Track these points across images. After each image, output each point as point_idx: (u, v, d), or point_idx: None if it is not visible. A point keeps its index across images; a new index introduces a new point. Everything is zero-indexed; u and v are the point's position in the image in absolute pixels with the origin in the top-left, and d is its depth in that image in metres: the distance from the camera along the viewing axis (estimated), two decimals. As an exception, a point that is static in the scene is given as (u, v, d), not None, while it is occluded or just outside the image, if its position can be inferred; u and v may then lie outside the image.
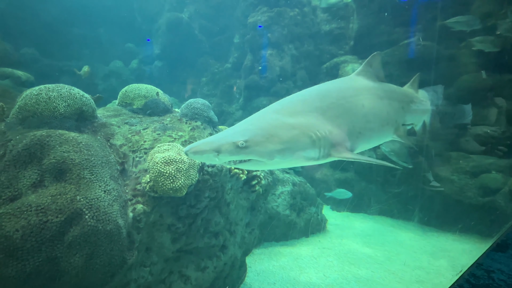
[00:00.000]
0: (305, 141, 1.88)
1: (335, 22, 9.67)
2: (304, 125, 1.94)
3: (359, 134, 2.24)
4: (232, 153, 1.68)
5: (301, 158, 1.93)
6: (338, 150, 2.02)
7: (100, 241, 2.23)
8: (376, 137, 2.55)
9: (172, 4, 13.25)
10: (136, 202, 2.72)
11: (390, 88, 2.87)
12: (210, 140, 1.78)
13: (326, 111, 2.10)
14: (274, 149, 1.76)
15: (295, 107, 2.11)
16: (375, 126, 2.44)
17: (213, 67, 11.67)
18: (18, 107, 2.88)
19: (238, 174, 3.40)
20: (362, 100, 2.36)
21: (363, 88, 2.51)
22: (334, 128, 2.05)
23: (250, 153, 1.71)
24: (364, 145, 2.43)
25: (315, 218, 5.91)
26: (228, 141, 1.69)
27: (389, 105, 2.62)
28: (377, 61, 2.77)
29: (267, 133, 1.80)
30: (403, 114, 2.86)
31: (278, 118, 1.97)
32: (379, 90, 2.61)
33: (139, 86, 3.97)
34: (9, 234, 1.91)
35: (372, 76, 2.70)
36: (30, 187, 2.21)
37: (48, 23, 13.27)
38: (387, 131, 2.63)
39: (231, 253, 3.50)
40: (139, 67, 14.00)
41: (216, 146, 1.67)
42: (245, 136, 1.74)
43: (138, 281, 2.65)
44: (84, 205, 2.20)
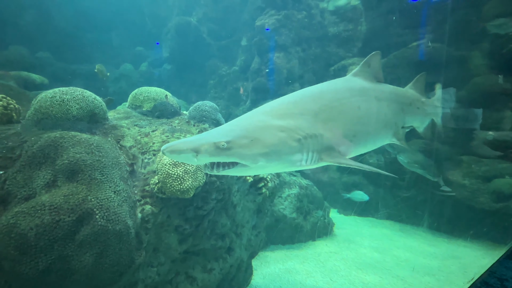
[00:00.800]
0: (293, 144, 1.77)
1: (343, 25, 9.63)
2: (292, 128, 1.83)
3: (354, 137, 2.15)
4: (212, 154, 1.57)
5: (288, 163, 1.82)
6: (330, 155, 1.94)
7: (110, 241, 2.28)
8: (373, 140, 2.45)
9: (181, 8, 13.49)
10: (144, 203, 2.76)
11: (389, 89, 2.75)
12: (190, 139, 1.68)
13: (318, 114, 2.00)
14: (258, 152, 1.65)
15: (285, 109, 2.01)
16: (371, 129, 2.35)
17: (221, 69, 11.78)
18: (34, 109, 2.99)
19: (245, 177, 3.42)
20: (358, 102, 2.26)
21: (359, 89, 2.40)
22: (326, 131, 1.95)
23: (232, 155, 1.60)
24: (360, 149, 2.33)
25: (322, 222, 5.85)
26: (208, 141, 1.58)
27: (387, 107, 2.51)
28: (376, 61, 2.65)
29: (252, 135, 1.69)
30: (402, 116, 2.74)
31: (266, 120, 1.87)
32: (377, 91, 2.50)
33: (148, 89, 4.05)
34: (23, 232, 1.98)
35: (370, 77, 2.59)
36: (44, 187, 2.28)
37: (62, 28, 13.74)
38: (385, 134, 2.53)
39: (237, 255, 3.50)
40: (148, 70, 14.27)
41: (194, 146, 1.56)
42: (227, 137, 1.63)
43: (145, 281, 2.69)
44: (95, 205, 2.26)
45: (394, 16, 8.10)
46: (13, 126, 2.93)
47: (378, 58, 2.66)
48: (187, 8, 13.32)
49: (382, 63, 8.30)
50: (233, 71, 11.08)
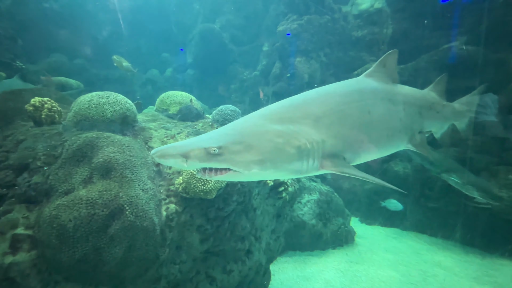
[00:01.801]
0: (291, 152, 1.66)
1: (367, 28, 9.41)
2: (291, 133, 1.71)
3: (362, 143, 2.01)
4: (202, 160, 1.51)
5: (285, 171, 1.72)
6: (332, 162, 1.80)
7: (137, 236, 2.41)
8: (385, 146, 2.27)
9: (205, 16, 14.01)
10: (169, 202, 2.89)
11: (406, 91, 2.55)
12: (180, 144, 1.61)
13: (321, 118, 1.86)
14: (252, 159, 1.55)
15: (286, 113, 1.88)
16: (383, 134, 2.18)
17: (242, 74, 12.00)
18: (74, 111, 3.26)
19: (265, 180, 3.44)
20: (369, 106, 2.10)
21: (371, 91, 2.23)
22: (329, 137, 1.83)
23: (223, 161, 1.53)
24: (369, 155, 2.16)
25: (343, 230, 5.68)
26: (199, 147, 1.51)
27: (403, 111, 2.33)
28: (392, 61, 2.46)
29: (246, 140, 1.61)
30: (420, 121, 2.53)
31: (263, 124, 1.76)
32: (391, 94, 2.33)
33: (174, 93, 4.25)
34: (64, 223, 2.16)
35: (385, 78, 2.40)
36: (81, 183, 2.47)
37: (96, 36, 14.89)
38: (399, 139, 2.35)
39: (256, 259, 3.51)
40: (173, 75, 14.92)
41: (184, 151, 1.49)
42: (220, 142, 1.55)
43: (168, 277, 2.79)
44: (125, 202, 2.40)
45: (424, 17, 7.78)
46: (55, 127, 3.22)
47: (394, 57, 2.49)
48: (211, 16, 13.80)
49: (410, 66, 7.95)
50: (254, 76, 11.24)
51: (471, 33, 6.57)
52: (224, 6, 13.57)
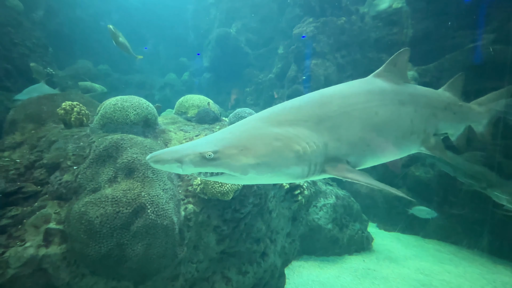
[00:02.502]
0: (289, 155, 1.61)
1: (386, 29, 9.18)
2: (290, 136, 1.67)
3: (368, 147, 1.91)
4: (197, 165, 1.50)
5: (284, 175, 1.68)
6: (334, 167, 1.73)
7: (158, 234, 2.50)
8: (394, 149, 2.17)
9: (221, 21, 14.31)
10: (187, 202, 2.97)
11: (418, 91, 2.43)
12: (175, 148, 1.59)
13: (323, 120, 1.80)
14: (248, 163, 1.53)
15: (286, 115, 1.83)
16: (391, 137, 2.08)
17: (257, 77, 12.10)
18: (100, 114, 3.46)
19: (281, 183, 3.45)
20: (376, 107, 2.01)
21: (379, 92, 2.14)
22: (331, 140, 1.77)
23: (219, 165, 1.51)
24: (376, 159, 2.08)
25: (360, 236, 5.53)
26: (194, 151, 1.50)
27: (414, 112, 2.22)
28: (403, 60, 2.35)
29: (242, 144, 1.58)
30: (435, 122, 2.41)
31: (261, 127, 1.73)
32: (401, 94, 2.22)
33: (193, 97, 4.38)
34: (91, 219, 2.30)
35: (395, 78, 2.29)
36: (107, 182, 2.62)
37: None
38: (410, 142, 2.24)
39: (271, 261, 3.51)
40: (190, 79, 15.35)
41: (178, 156, 1.49)
42: (216, 146, 1.54)
43: (185, 276, 2.86)
44: (147, 201, 2.51)
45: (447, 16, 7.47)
46: (84, 129, 3.43)
47: (406, 56, 2.38)
48: (227, 20, 14.07)
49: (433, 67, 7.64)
50: (269, 79, 11.29)
51: (499, 31, 6.23)
52: (240, 10, 13.80)
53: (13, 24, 8.12)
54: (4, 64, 7.30)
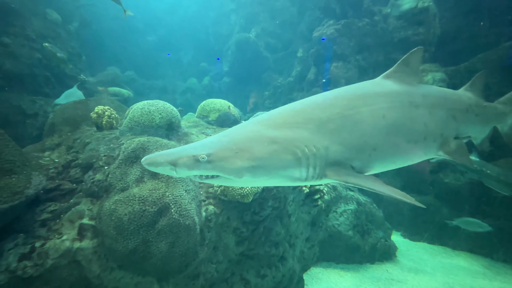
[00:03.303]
0: (286, 158, 1.58)
1: (411, 29, 8.83)
2: (288, 139, 1.63)
3: (374, 151, 1.82)
4: (191, 168, 1.49)
5: (281, 178, 1.65)
6: (336, 171, 1.67)
7: (181, 233, 2.60)
8: (406, 154, 2.04)
9: (241, 26, 14.59)
10: (208, 203, 3.05)
11: (434, 92, 2.29)
12: (170, 151, 1.59)
13: (325, 123, 1.74)
14: (243, 166, 1.51)
15: (285, 118, 1.80)
16: (402, 141, 1.95)
17: (276, 81, 12.14)
18: (129, 118, 3.67)
19: (301, 187, 3.42)
20: (383, 110, 1.91)
21: (388, 94, 2.04)
22: (333, 143, 1.70)
23: (212, 168, 1.51)
24: (386, 165, 1.97)
25: (382, 244, 5.30)
26: (187, 154, 1.50)
27: (429, 115, 2.09)
28: (416, 59, 2.22)
29: (237, 147, 1.56)
30: (454, 125, 2.25)
31: (258, 130, 1.70)
32: (414, 96, 2.10)
33: (214, 101, 4.51)
34: (120, 216, 2.44)
35: (408, 78, 2.18)
36: (134, 181, 2.76)
37: (144, 50, 16.56)
38: (424, 146, 2.09)
39: (289, 266, 3.48)
40: (210, 83, 15.76)
41: (172, 159, 1.49)
42: (210, 149, 1.53)
43: (206, 275, 2.93)
44: (171, 201, 2.62)
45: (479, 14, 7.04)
46: (114, 131, 3.66)
47: (419, 56, 2.25)
48: (247, 25, 14.32)
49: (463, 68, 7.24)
50: (288, 82, 11.28)
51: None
52: (260, 15, 13.98)
53: (52, 36, 8.87)
54: (45, 72, 7.98)
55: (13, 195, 2.21)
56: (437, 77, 7.29)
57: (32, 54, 7.63)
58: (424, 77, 7.38)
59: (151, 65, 16.86)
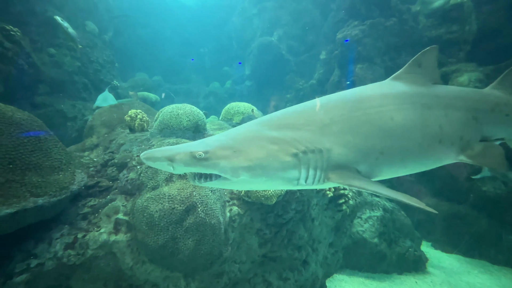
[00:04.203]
0: (285, 159, 1.54)
1: (443, 27, 8.34)
2: (288, 140, 1.60)
3: (381, 155, 1.73)
4: (187, 164, 1.49)
5: (280, 180, 1.59)
6: (339, 174, 1.61)
7: (206, 232, 2.69)
8: (418, 158, 1.92)
9: (264, 30, 14.75)
10: (232, 204, 3.13)
11: (450, 92, 2.14)
12: (169, 147, 1.60)
13: (328, 125, 1.70)
14: (240, 165, 1.49)
15: (287, 119, 1.77)
16: (413, 144, 1.84)
17: (298, 84, 12.08)
18: (159, 121, 3.90)
19: (324, 191, 3.38)
20: (391, 112, 1.82)
21: (396, 95, 1.94)
22: (336, 146, 1.64)
23: (209, 166, 1.49)
24: (396, 170, 1.87)
25: (411, 254, 5.02)
26: (185, 151, 1.51)
27: (444, 116, 1.96)
28: (430, 59, 2.10)
29: (236, 146, 1.56)
30: (476, 127, 2.09)
31: (258, 130, 1.69)
32: (426, 97, 1.98)
33: (238, 104, 4.62)
34: (152, 213, 2.59)
35: (420, 79, 2.06)
36: (164, 181, 2.92)
37: (171, 56, 17.39)
38: (441, 150, 1.94)
39: (312, 270, 3.44)
40: (232, 87, 16.10)
41: (169, 155, 1.50)
42: (208, 146, 1.54)
43: (229, 274, 2.99)
44: (198, 200, 2.73)
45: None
46: (145, 134, 3.90)
47: (434, 55, 2.12)
48: (269, 29, 14.45)
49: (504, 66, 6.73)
50: (310, 85, 11.17)
51: None
52: (282, 19, 14.05)
53: (90, 45, 9.65)
54: (83, 79, 8.70)
55: (61, 190, 2.45)
56: (473, 78, 6.79)
57: (73, 63, 8.36)
58: (458, 78, 6.92)
59: (176, 70, 17.65)
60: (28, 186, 2.26)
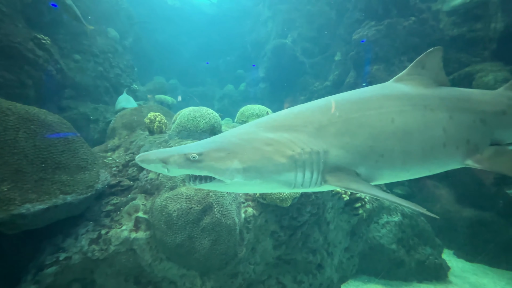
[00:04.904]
0: (281, 161, 1.52)
1: (466, 25, 7.99)
2: (284, 142, 1.57)
3: (381, 157, 1.69)
4: (181, 166, 1.48)
5: (276, 183, 1.57)
6: (337, 176, 1.57)
7: (222, 232, 2.74)
8: (421, 162, 1.85)
9: (277, 32, 14.81)
10: (247, 205, 3.16)
11: (456, 94, 2.05)
12: (164, 150, 1.61)
13: (325, 126, 1.67)
14: (234, 167, 1.48)
15: (283, 121, 1.75)
16: (413, 147, 1.78)
17: (312, 85, 11.99)
18: (176, 123, 4.02)
19: (340, 194, 3.34)
20: (392, 113, 1.78)
21: (398, 97, 1.89)
22: (334, 147, 1.62)
23: (203, 168, 1.48)
24: (396, 174, 1.82)
25: (431, 262, 4.81)
26: (179, 153, 1.50)
27: (449, 119, 1.89)
28: (434, 60, 2.05)
29: (231, 148, 1.54)
30: (484, 130, 2.00)
31: (254, 132, 1.67)
32: (430, 99, 1.92)
33: (252, 107, 4.66)
34: (170, 212, 2.68)
35: (423, 81, 2.01)
36: (181, 181, 3.01)
37: (186, 59, 17.87)
38: (445, 154, 1.88)
39: (327, 275, 3.39)
40: (246, 89, 16.24)
41: (163, 157, 1.50)
42: (202, 148, 1.53)
43: (244, 275, 3.02)
44: (214, 200, 2.79)
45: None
46: (163, 135, 4.04)
47: (438, 56, 2.06)
48: (283, 32, 14.48)
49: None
50: (324, 87, 11.06)
51: None
52: (296, 21, 14.04)
53: (112, 51, 10.12)
54: (105, 83, 9.13)
55: (87, 188, 2.60)
56: (500, 78, 6.44)
57: (96, 68, 8.81)
58: (483, 78, 6.59)
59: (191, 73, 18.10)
60: (58, 184, 2.42)
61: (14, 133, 2.32)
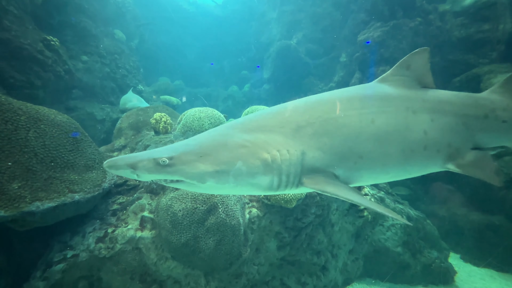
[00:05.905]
0: (255, 163, 1.47)
1: (474, 26, 7.90)
2: (259, 143, 1.52)
3: (360, 159, 1.65)
4: (151, 171, 1.43)
5: (249, 186, 1.52)
6: (313, 179, 1.53)
7: (227, 232, 2.75)
8: (401, 165, 1.82)
9: (282, 34, 14.82)
10: (251, 206, 3.17)
11: (439, 97, 2.00)
12: (132, 155, 1.55)
13: (303, 127, 1.62)
14: (206, 170, 1.42)
15: (259, 121, 1.70)
16: (393, 149, 1.74)
17: (317, 87, 11.96)
18: (182, 124, 4.06)
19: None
20: (373, 114, 1.74)
21: (380, 98, 1.85)
22: (311, 149, 1.57)
23: (174, 172, 1.43)
24: (375, 176, 1.80)
25: (437, 265, 4.75)
26: (148, 157, 1.44)
27: (430, 121, 1.85)
28: (421, 61, 2.02)
29: (202, 150, 1.49)
30: (467, 134, 1.95)
31: (228, 134, 1.62)
32: (413, 101, 1.87)
33: (257, 108, 4.67)
34: (175, 211, 2.71)
35: (407, 82, 1.97)
36: (187, 181, 3.04)
37: (191, 61, 18.01)
38: (425, 157, 1.83)
39: (331, 277, 3.38)
40: (250, 90, 16.29)
41: (131, 162, 1.43)
42: (173, 152, 1.47)
43: (248, 276, 3.03)
44: (219, 201, 2.81)
45: None
46: (168, 136, 4.08)
47: (424, 57, 2.02)
48: (288, 33, 14.49)
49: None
50: (329, 88, 11.02)
51: None
52: (301, 22, 14.04)
53: (118, 52, 10.26)
54: (111, 84, 9.26)
55: (94, 187, 2.64)
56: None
57: (103, 69, 8.94)
58: (490, 80, 6.50)
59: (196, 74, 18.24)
60: (67, 182, 2.46)
61: (25, 133, 2.37)
